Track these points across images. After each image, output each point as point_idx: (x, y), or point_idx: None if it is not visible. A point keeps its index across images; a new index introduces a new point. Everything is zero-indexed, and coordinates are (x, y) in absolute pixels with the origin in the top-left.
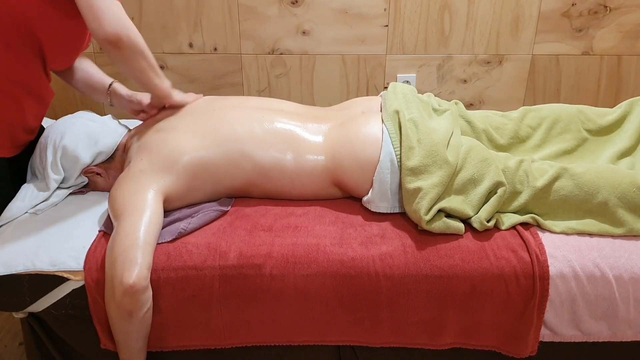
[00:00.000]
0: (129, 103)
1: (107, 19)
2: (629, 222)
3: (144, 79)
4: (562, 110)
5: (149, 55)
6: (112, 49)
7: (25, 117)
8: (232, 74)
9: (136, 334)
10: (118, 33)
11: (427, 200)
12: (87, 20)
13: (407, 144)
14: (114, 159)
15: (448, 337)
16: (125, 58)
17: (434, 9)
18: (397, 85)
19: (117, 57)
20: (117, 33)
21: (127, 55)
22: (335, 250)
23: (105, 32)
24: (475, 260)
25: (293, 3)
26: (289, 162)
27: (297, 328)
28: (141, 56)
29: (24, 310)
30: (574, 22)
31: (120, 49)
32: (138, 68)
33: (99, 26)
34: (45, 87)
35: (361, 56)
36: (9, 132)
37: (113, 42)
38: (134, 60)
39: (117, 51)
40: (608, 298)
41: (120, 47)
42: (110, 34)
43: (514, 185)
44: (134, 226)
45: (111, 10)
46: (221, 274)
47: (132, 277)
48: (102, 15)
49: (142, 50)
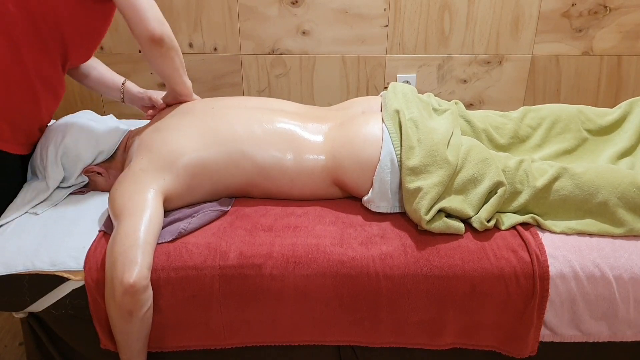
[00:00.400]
0: (140, 100)
1: (152, 19)
2: (629, 222)
3: (176, 77)
4: (562, 110)
5: (181, 54)
6: (155, 48)
7: (41, 112)
8: (232, 74)
9: (136, 334)
10: (162, 32)
11: (427, 200)
12: (130, 20)
13: (408, 143)
14: (114, 159)
15: (448, 337)
16: (164, 56)
17: (434, 9)
18: (397, 85)
19: (157, 56)
20: (161, 32)
21: (166, 54)
22: (335, 250)
23: (150, 31)
24: (475, 260)
25: (293, 3)
26: (289, 162)
27: (297, 328)
28: (177, 55)
29: (24, 310)
30: (574, 22)
31: (162, 48)
32: (172, 66)
33: (144, 26)
34: (62, 82)
35: (361, 56)
36: (25, 127)
37: (157, 41)
38: (171, 59)
39: (158, 50)
40: (608, 298)
41: (162, 45)
42: (155, 34)
43: (514, 185)
44: (134, 226)
45: (154, 10)
46: (221, 274)
47: (132, 276)
48: (145, 16)
49: (178, 49)
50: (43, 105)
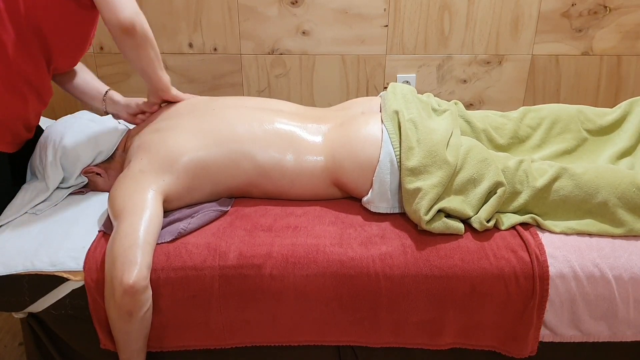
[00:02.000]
0: (125, 108)
1: (122, 8)
2: (629, 222)
3: (149, 70)
4: (561, 110)
5: (156, 46)
6: (126, 37)
7: (28, 114)
8: (232, 74)
9: (136, 334)
10: (132, 21)
11: (426, 201)
12: (102, 8)
13: (407, 144)
14: (113, 159)
15: (448, 338)
16: (136, 47)
17: (433, 9)
18: (397, 86)
19: (129, 46)
20: (131, 21)
21: (138, 44)
22: (335, 251)
23: (119, 20)
24: (475, 260)
25: (293, 3)
26: (288, 162)
27: (297, 328)
28: (150, 46)
29: (24, 311)
30: (574, 22)
31: (133, 37)
32: (146, 57)
33: (114, 14)
34: (48, 86)
35: (361, 56)
36: (12, 127)
37: (127, 30)
38: (144, 50)
39: (129, 39)
40: (608, 298)
41: (134, 35)
42: (125, 22)
43: (514, 186)
44: (134, 226)
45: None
46: (221, 274)
47: (132, 276)
48: (117, 4)
49: (152, 40)
50: (31, 108)
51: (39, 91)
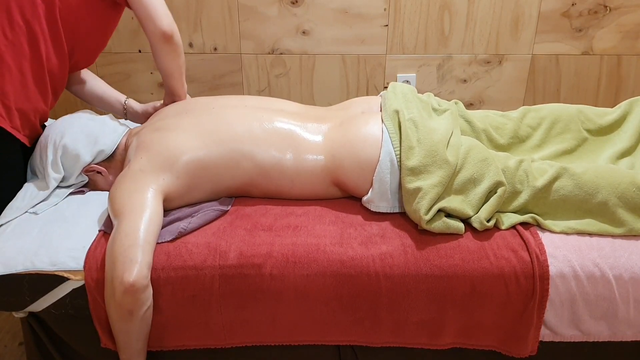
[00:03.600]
0: (144, 114)
1: (164, 17)
2: (629, 222)
3: (177, 76)
4: (561, 110)
5: (183, 55)
6: (165, 44)
7: (46, 108)
8: (232, 74)
9: (136, 333)
10: (172, 29)
11: (427, 200)
12: (144, 17)
13: (407, 143)
14: (114, 158)
15: (448, 337)
16: (171, 53)
17: (433, 9)
18: (397, 85)
19: (165, 51)
20: (171, 30)
21: (173, 51)
22: (335, 250)
23: (162, 28)
24: (475, 260)
25: (293, 3)
26: (288, 161)
27: (297, 328)
28: (182, 52)
29: (24, 310)
30: (574, 22)
31: (171, 45)
32: (177, 64)
33: (156, 23)
34: (64, 83)
35: (361, 56)
36: (33, 120)
37: (168, 37)
38: (177, 57)
39: (167, 46)
40: (608, 298)
41: (172, 42)
42: (167, 30)
43: (514, 185)
44: (134, 225)
45: (164, 9)
46: (221, 274)
47: (132, 276)
48: (158, 13)
49: (182, 49)
50: (48, 100)
51: (56, 87)
